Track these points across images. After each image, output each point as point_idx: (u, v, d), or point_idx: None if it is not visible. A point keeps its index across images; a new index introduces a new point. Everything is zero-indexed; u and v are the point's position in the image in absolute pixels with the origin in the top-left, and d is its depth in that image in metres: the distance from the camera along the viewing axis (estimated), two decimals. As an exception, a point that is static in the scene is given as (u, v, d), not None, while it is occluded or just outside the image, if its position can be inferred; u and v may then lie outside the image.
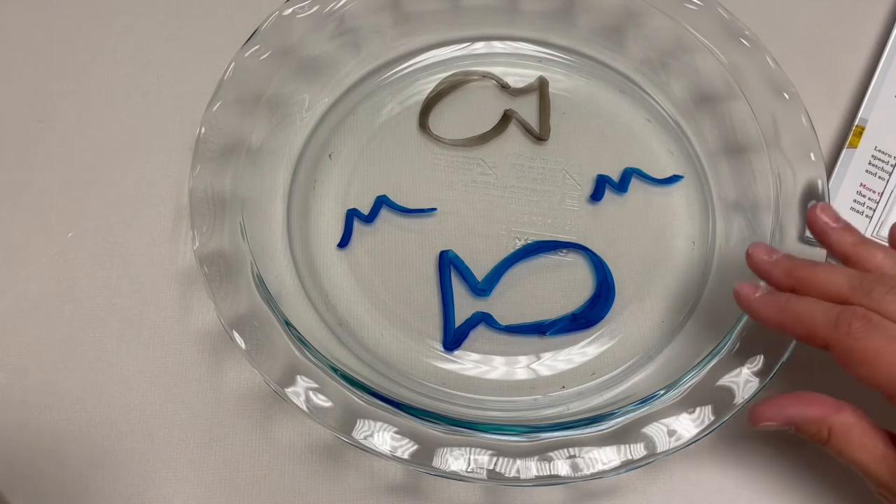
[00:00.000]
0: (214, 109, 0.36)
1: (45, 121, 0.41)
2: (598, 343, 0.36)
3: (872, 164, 0.40)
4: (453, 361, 0.35)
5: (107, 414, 0.34)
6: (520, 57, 0.43)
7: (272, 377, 0.31)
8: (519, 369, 0.35)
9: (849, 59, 0.44)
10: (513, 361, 0.36)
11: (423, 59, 0.42)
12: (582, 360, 0.36)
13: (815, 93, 0.39)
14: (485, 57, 0.42)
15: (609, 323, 0.36)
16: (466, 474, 0.29)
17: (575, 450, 0.30)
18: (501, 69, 0.42)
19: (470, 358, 0.36)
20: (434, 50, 0.42)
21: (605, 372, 0.35)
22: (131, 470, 0.34)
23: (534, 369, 0.35)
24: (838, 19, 0.46)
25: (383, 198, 0.38)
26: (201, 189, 0.34)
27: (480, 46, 0.43)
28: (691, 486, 0.34)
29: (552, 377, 0.35)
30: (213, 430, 0.34)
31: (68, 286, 0.37)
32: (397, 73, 0.42)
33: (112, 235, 0.38)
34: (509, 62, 0.42)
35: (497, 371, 0.35)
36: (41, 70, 0.42)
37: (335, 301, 0.36)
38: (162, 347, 0.36)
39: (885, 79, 0.42)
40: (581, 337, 0.36)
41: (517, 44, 0.43)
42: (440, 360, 0.35)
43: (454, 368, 0.35)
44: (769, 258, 0.31)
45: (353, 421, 0.30)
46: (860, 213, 0.39)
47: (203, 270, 0.32)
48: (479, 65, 0.42)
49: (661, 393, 0.31)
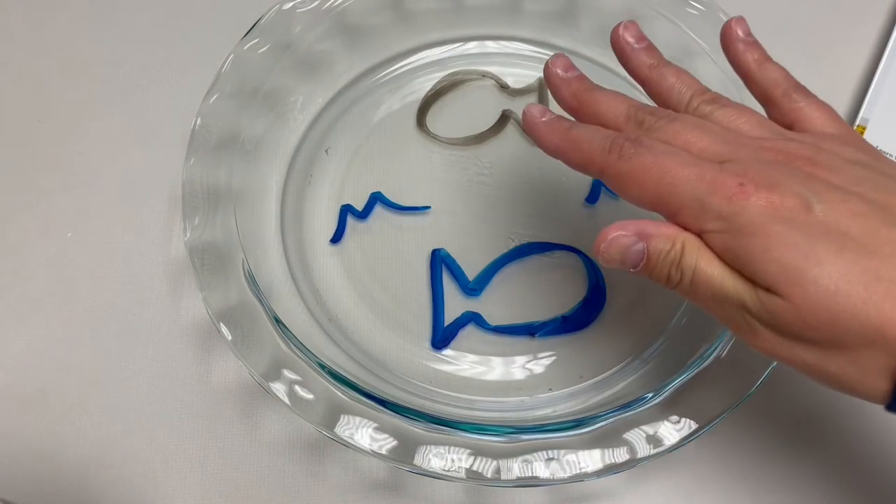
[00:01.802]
0: (212, 101, 0.36)
1: (45, 121, 0.41)
2: (587, 346, 0.36)
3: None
4: (441, 360, 0.35)
5: (107, 414, 0.34)
6: (520, 57, 0.43)
7: (257, 370, 0.31)
8: (506, 370, 0.35)
9: (849, 59, 0.44)
10: (501, 362, 0.36)
11: (422, 57, 0.42)
12: (570, 363, 0.36)
13: (815, 93, 0.38)
14: (485, 56, 0.42)
15: (599, 326, 0.36)
16: (446, 473, 0.29)
17: (556, 452, 0.30)
18: (501, 69, 0.42)
19: (458, 357, 0.36)
20: (434, 48, 0.42)
21: (593, 375, 0.35)
22: (131, 470, 0.34)
23: (521, 370, 0.35)
24: (838, 19, 0.45)
25: (378, 194, 0.38)
26: (195, 181, 0.34)
27: (481, 46, 0.42)
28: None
29: (539, 379, 0.35)
30: (214, 429, 0.34)
31: (68, 286, 0.37)
32: (396, 70, 0.42)
33: (112, 235, 0.38)
34: (509, 62, 0.42)
35: (484, 371, 0.35)
36: (41, 70, 0.42)
37: (326, 296, 0.36)
38: (162, 347, 0.36)
39: (887, 79, 0.41)
40: (571, 339, 0.36)
41: (518, 44, 0.43)
42: (428, 359, 0.35)
43: (442, 367, 0.35)
44: (564, 73, 0.30)
45: (336, 416, 0.30)
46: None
47: (193, 261, 0.32)
48: (478, 64, 0.42)
49: (645, 398, 0.31)
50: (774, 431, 0.35)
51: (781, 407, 0.35)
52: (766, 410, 0.35)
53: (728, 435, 0.35)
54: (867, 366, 0.23)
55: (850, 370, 0.23)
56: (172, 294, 0.37)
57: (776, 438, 0.35)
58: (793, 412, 0.35)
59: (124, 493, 0.33)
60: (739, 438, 0.35)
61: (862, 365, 0.23)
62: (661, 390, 0.31)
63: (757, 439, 0.35)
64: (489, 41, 0.43)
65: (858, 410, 0.35)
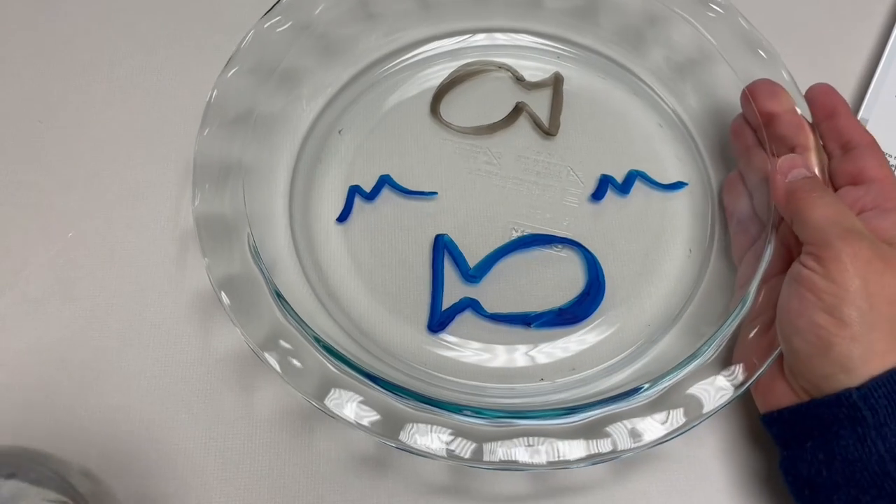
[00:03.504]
0: (229, 75, 0.36)
1: (45, 121, 0.41)
2: (581, 339, 0.36)
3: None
4: (436, 343, 0.36)
5: (107, 414, 0.35)
6: (539, 51, 0.43)
7: (253, 339, 0.31)
8: (500, 357, 0.36)
9: (850, 59, 0.44)
10: (494, 349, 0.36)
11: (441, 45, 0.42)
12: (563, 355, 0.36)
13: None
14: (504, 48, 0.43)
15: (595, 321, 0.37)
16: (429, 450, 0.30)
17: (539, 439, 0.30)
18: (519, 62, 0.42)
19: (453, 341, 0.36)
20: (453, 37, 0.43)
21: (585, 368, 0.36)
22: (132, 470, 0.34)
23: (514, 359, 0.36)
24: (839, 20, 0.45)
25: (386, 177, 0.39)
26: (207, 152, 0.35)
27: (500, 38, 0.43)
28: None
29: (532, 368, 0.36)
30: (214, 428, 0.35)
31: (68, 286, 0.37)
32: (414, 56, 0.42)
33: (112, 235, 0.38)
34: (528, 55, 0.43)
35: (478, 357, 0.36)
36: (41, 70, 0.42)
37: (328, 273, 0.37)
38: (162, 347, 0.36)
39: (886, 79, 0.41)
40: (565, 332, 0.36)
41: (537, 38, 0.43)
42: (423, 341, 0.36)
43: (436, 350, 0.36)
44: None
45: (327, 390, 0.31)
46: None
47: (199, 229, 0.33)
48: (496, 56, 0.43)
49: (635, 392, 0.31)
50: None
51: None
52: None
53: (724, 432, 0.35)
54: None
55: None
56: (173, 294, 0.37)
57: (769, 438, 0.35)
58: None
59: (126, 492, 0.33)
60: (735, 436, 0.35)
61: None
62: (651, 385, 0.31)
63: (753, 437, 0.35)
64: (508, 34, 0.43)
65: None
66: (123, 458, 0.34)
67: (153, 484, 0.34)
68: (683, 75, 0.41)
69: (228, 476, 0.34)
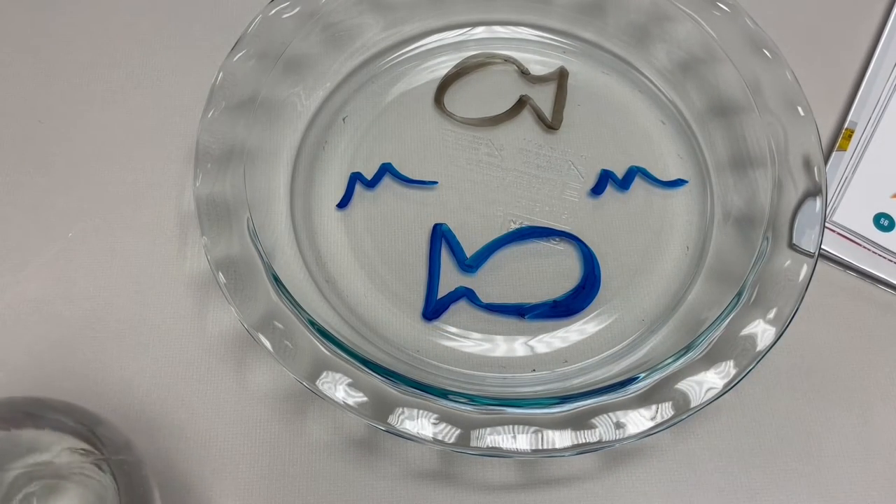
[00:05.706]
0: (235, 59, 0.37)
1: (45, 121, 0.41)
2: (575, 332, 0.36)
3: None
4: (430, 331, 0.36)
5: (107, 414, 0.34)
6: (545, 45, 0.43)
7: (248, 320, 0.32)
8: (493, 347, 0.36)
9: (848, 60, 0.44)
10: (488, 339, 0.36)
11: (447, 36, 0.43)
12: (556, 347, 0.36)
13: (815, 95, 0.38)
14: (509, 41, 0.43)
15: (589, 315, 0.37)
16: (416, 435, 0.30)
17: (526, 428, 0.30)
18: (524, 55, 0.43)
19: (447, 330, 0.36)
20: (461, 29, 0.43)
21: (577, 360, 0.36)
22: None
23: (507, 349, 0.36)
24: (835, 22, 0.45)
25: (388, 165, 0.39)
26: (211, 135, 0.35)
27: (506, 31, 0.43)
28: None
29: (524, 359, 0.36)
30: (214, 428, 0.35)
31: (68, 286, 0.37)
32: (421, 47, 0.42)
33: (112, 235, 0.38)
34: (533, 49, 0.43)
35: (472, 346, 0.36)
36: (41, 70, 0.42)
37: (326, 258, 0.37)
38: (162, 348, 0.36)
39: (874, 83, 0.41)
40: (559, 324, 0.37)
41: (543, 32, 0.43)
42: (418, 329, 0.36)
43: (430, 338, 0.36)
44: None
45: (319, 372, 0.31)
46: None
47: (199, 210, 0.33)
48: (503, 48, 0.43)
49: (626, 385, 0.32)
50: (765, 425, 0.35)
51: (770, 402, 0.36)
52: (755, 405, 0.36)
53: (718, 429, 0.35)
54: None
55: None
56: (173, 294, 0.37)
57: (766, 436, 0.35)
58: (779, 406, 0.36)
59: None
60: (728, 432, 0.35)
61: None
62: (640, 378, 0.32)
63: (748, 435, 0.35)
64: (514, 27, 0.43)
65: (846, 406, 0.35)
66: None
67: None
68: (687, 73, 0.41)
69: (230, 475, 0.34)
